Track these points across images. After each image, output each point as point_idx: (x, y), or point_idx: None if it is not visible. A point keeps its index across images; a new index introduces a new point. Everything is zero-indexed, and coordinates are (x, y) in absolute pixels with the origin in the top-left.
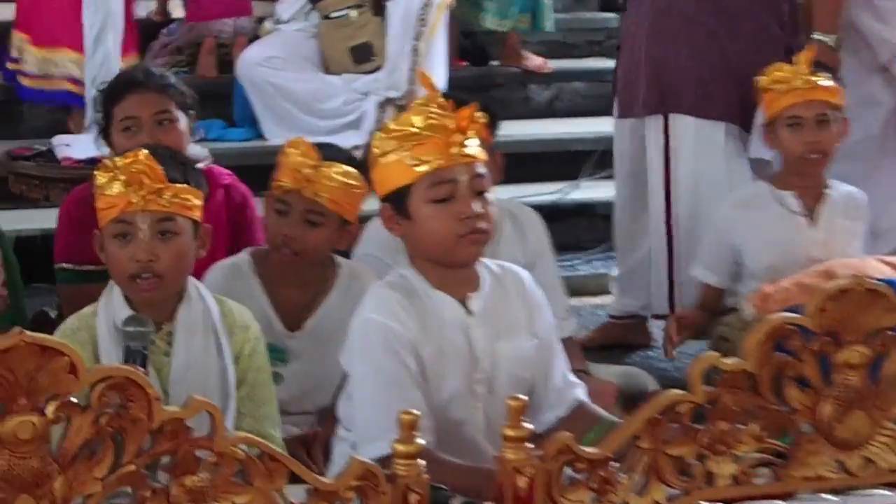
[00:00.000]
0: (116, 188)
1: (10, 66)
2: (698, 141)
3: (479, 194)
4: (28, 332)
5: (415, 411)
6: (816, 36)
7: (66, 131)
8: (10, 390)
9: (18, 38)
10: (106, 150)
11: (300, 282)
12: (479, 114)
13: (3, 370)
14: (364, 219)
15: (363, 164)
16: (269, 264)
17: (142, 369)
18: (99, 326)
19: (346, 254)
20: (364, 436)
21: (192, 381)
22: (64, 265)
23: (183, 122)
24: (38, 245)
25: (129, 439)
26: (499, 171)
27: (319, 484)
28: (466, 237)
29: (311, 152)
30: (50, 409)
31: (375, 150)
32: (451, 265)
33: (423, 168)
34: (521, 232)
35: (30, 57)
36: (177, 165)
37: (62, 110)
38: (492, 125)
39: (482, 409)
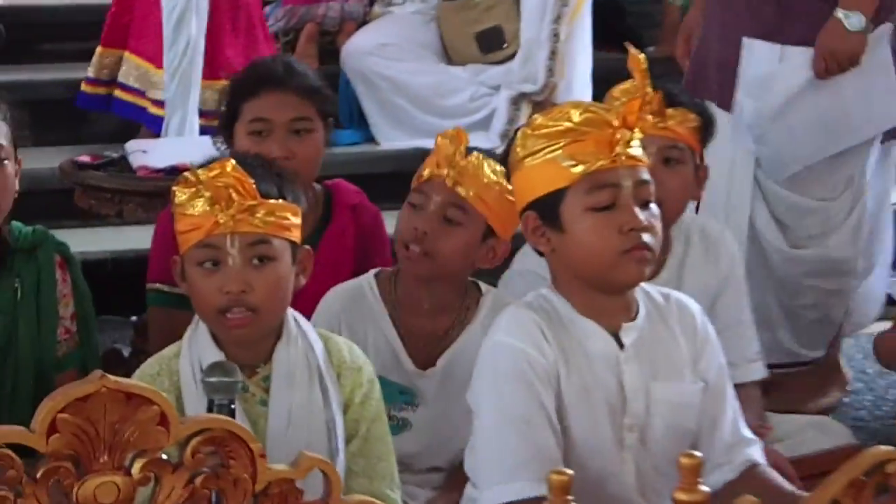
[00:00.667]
0: (200, 206)
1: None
2: None
3: (645, 204)
4: (111, 377)
5: (567, 471)
6: (838, 13)
7: (137, 135)
8: (90, 445)
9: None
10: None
11: (434, 308)
12: (692, 117)
13: (81, 421)
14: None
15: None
16: (399, 287)
17: None
18: (183, 371)
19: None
20: (484, 479)
21: (294, 435)
22: (157, 286)
23: (321, 133)
24: (108, 270)
25: (229, 502)
26: (700, 186)
27: None
28: (630, 253)
29: (463, 138)
30: (136, 468)
31: (519, 151)
32: (608, 288)
33: (580, 168)
34: (715, 254)
35: (130, 69)
36: (271, 177)
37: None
38: (705, 130)
39: (632, 462)
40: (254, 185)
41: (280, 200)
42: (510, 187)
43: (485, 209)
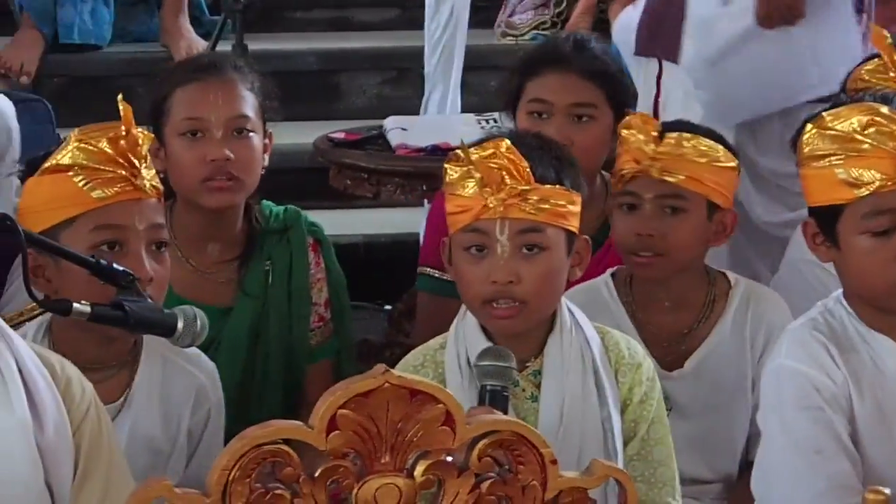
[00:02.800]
0: (470, 188)
1: None
2: None
3: None
4: (394, 372)
5: (884, 490)
6: None
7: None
8: (371, 444)
9: None
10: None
11: (675, 304)
12: None
13: (362, 418)
14: None
15: None
16: (635, 286)
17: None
18: (448, 362)
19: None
20: None
21: (567, 434)
22: (427, 271)
23: (606, 121)
24: (360, 255)
25: None
26: None
27: None
28: None
29: (650, 123)
30: (419, 470)
31: (805, 149)
32: (890, 310)
33: (861, 191)
34: None
35: None
36: (549, 160)
37: None
38: None
39: None
40: (528, 169)
41: (557, 186)
42: (720, 150)
43: (701, 188)
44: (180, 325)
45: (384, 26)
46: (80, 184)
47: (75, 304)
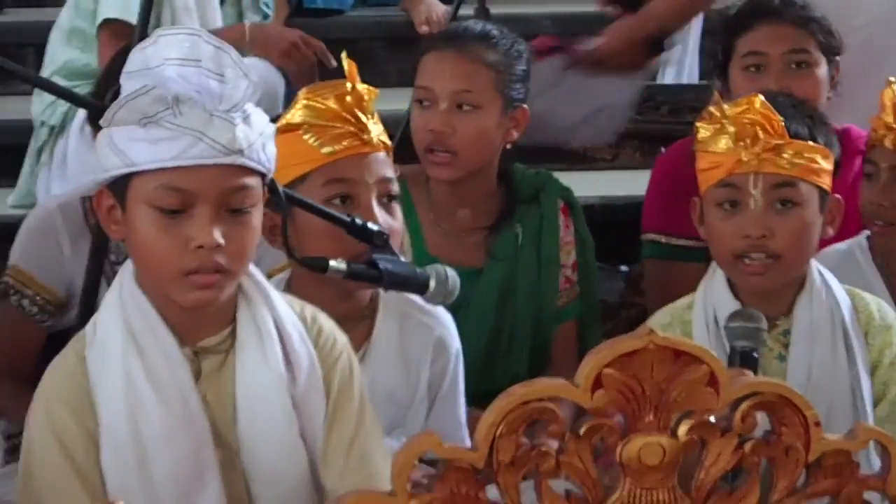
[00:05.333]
0: (723, 143)
1: None
2: None
3: None
4: (659, 334)
5: None
6: None
7: None
8: (635, 404)
9: None
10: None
11: None
12: None
13: (627, 378)
14: None
15: None
16: (881, 251)
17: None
18: (696, 321)
19: None
20: None
21: (814, 395)
22: (652, 237)
23: (824, 68)
24: (597, 216)
25: (779, 472)
26: None
27: None
28: None
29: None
30: (683, 430)
31: None
32: None
33: None
34: None
35: None
36: (802, 118)
37: None
38: None
39: None
40: (783, 124)
41: (811, 142)
42: None
43: None
44: (433, 283)
45: None
46: (310, 141)
47: (332, 262)
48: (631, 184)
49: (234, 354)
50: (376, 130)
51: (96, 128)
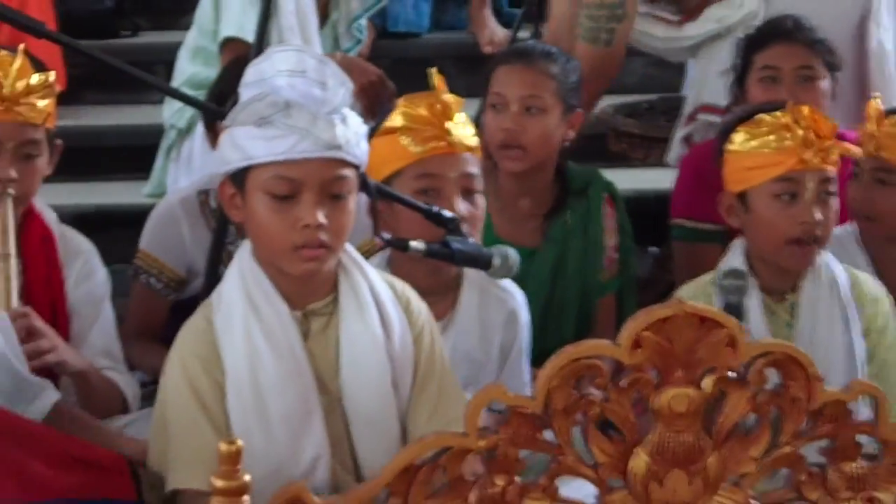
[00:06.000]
0: (787, 143)
1: None
2: None
3: None
4: (688, 302)
5: None
6: None
7: None
8: (667, 361)
9: None
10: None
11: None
12: None
13: (661, 339)
14: None
15: None
16: (871, 234)
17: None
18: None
19: None
20: None
21: (816, 355)
22: (680, 222)
23: (826, 82)
24: (630, 206)
25: (786, 419)
26: None
27: None
28: None
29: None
30: (707, 383)
31: None
32: None
33: None
34: None
35: None
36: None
37: None
38: None
39: None
40: (834, 128)
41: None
42: None
43: None
44: (496, 261)
45: None
46: (404, 142)
47: (412, 243)
48: (656, 179)
49: (337, 316)
50: (460, 133)
51: (210, 130)
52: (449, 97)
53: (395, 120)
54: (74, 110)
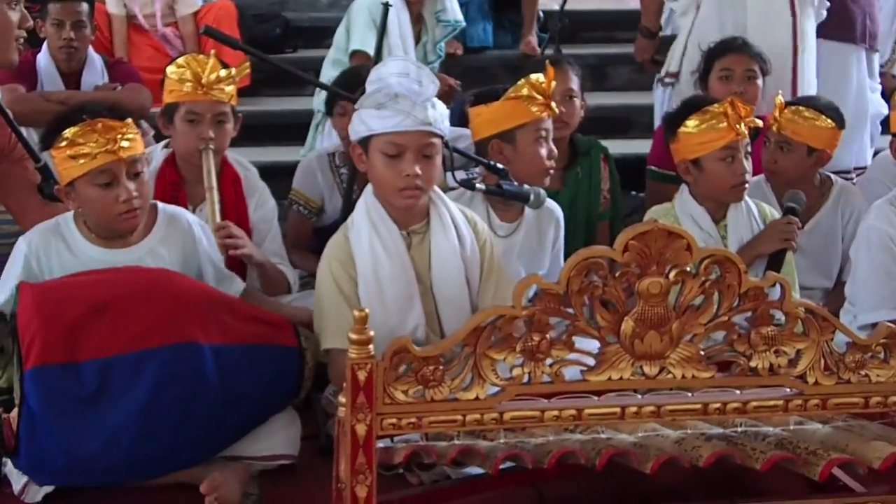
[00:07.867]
0: (724, 125)
1: None
2: None
3: None
4: (661, 223)
5: None
6: None
7: None
8: (645, 260)
9: None
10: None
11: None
12: None
13: (642, 245)
14: None
15: None
16: (775, 183)
17: None
18: (680, 216)
19: None
20: (864, 306)
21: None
22: (653, 168)
23: (761, 80)
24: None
25: (724, 298)
26: None
27: (857, 339)
28: None
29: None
30: (671, 275)
31: None
32: None
33: None
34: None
35: None
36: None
37: None
38: None
39: None
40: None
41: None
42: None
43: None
44: (532, 197)
45: None
46: (528, 105)
47: (477, 184)
48: (638, 146)
49: (429, 234)
50: (553, 104)
51: (330, 113)
52: (545, 79)
53: (522, 90)
54: (256, 100)
